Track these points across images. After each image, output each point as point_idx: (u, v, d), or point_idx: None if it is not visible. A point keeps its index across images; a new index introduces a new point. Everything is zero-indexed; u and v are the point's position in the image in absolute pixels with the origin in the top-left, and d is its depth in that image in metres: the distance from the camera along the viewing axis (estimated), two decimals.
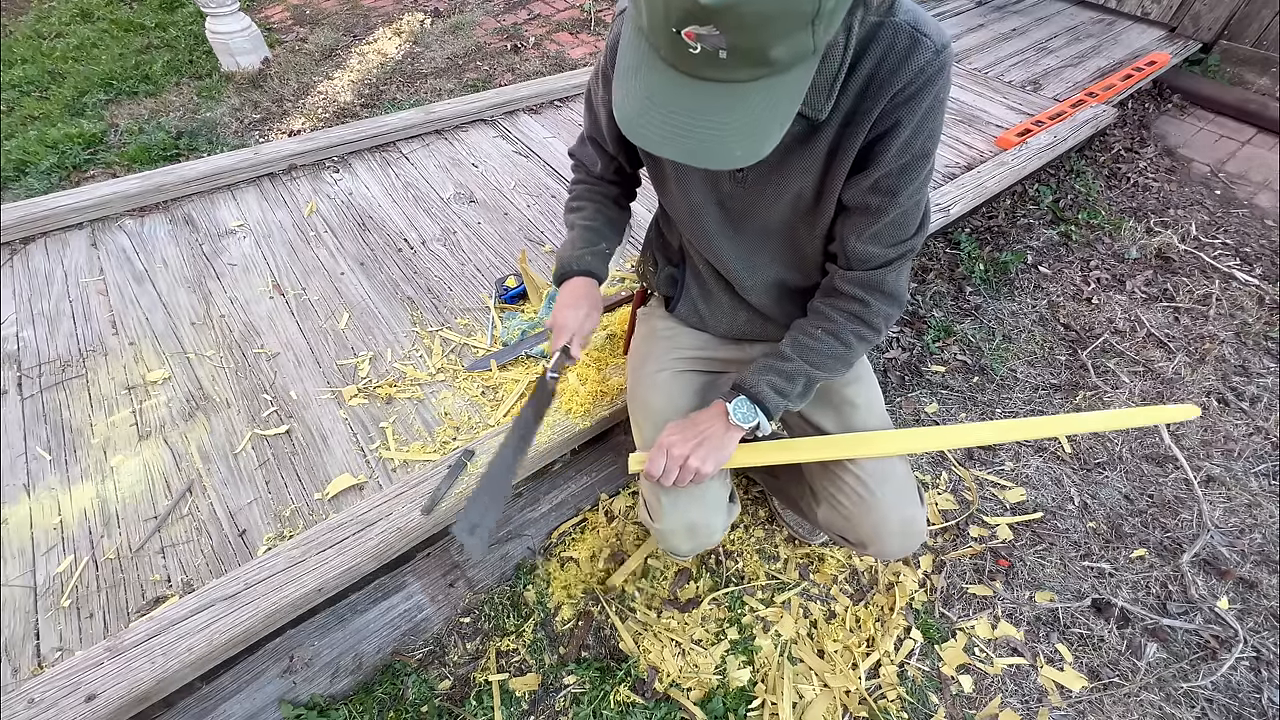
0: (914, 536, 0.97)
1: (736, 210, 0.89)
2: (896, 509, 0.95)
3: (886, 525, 0.95)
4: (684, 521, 0.98)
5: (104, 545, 1.13)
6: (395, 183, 2.01)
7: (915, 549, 1.01)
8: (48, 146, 2.55)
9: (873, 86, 0.71)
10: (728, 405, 0.89)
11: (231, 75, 3.11)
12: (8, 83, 3.04)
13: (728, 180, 0.85)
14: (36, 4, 3.85)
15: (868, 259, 0.83)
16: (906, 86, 0.70)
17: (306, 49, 3.37)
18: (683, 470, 0.88)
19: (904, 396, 1.83)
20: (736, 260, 0.95)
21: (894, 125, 0.72)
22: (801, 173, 0.80)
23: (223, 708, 1.17)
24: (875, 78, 0.71)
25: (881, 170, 0.75)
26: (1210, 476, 1.64)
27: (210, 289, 1.61)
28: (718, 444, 0.89)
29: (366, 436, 1.32)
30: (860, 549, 1.02)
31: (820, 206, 0.84)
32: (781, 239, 0.91)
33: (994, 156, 2.22)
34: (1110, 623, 1.37)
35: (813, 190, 0.82)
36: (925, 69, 0.69)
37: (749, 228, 0.91)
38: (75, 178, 2.46)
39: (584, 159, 1.05)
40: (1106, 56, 3.01)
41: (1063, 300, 2.15)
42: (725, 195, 0.88)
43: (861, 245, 0.82)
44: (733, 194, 0.87)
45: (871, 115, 0.72)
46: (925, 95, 0.70)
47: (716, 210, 0.90)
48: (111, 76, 3.10)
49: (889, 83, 0.70)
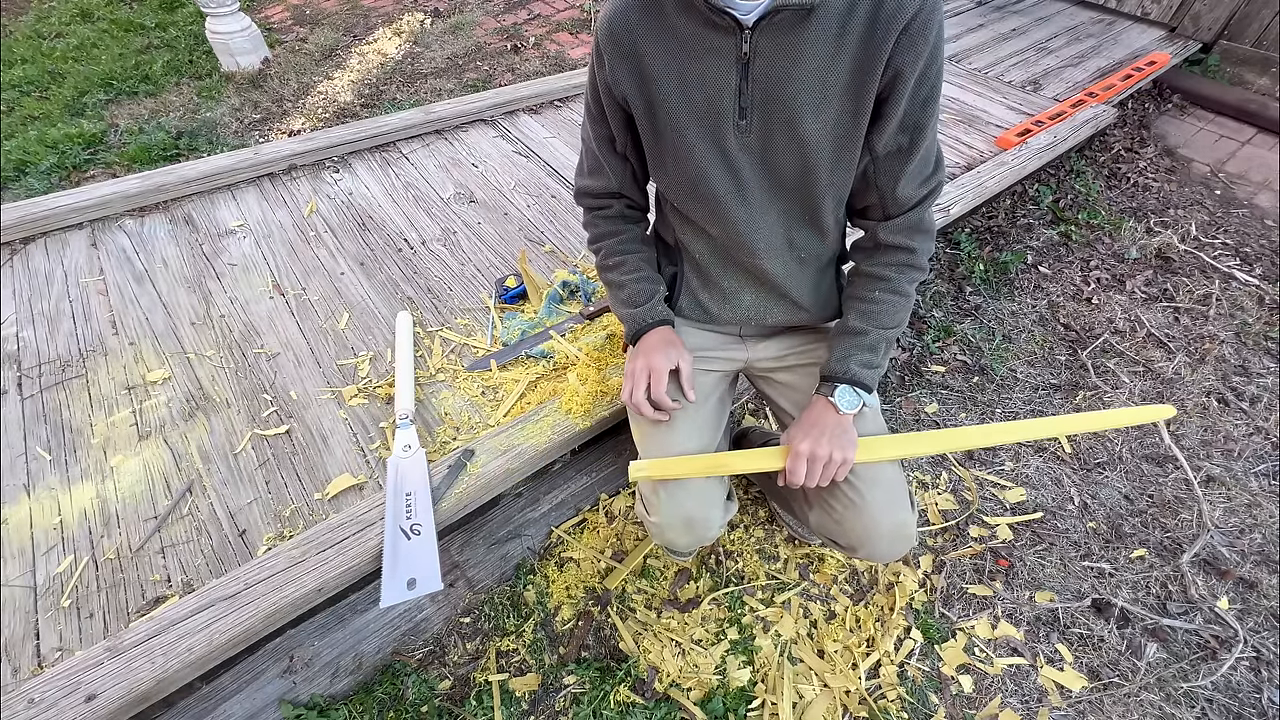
0: (903, 541, 0.97)
1: (743, 166, 0.88)
2: (887, 513, 0.94)
3: (877, 529, 0.95)
4: (681, 515, 0.98)
5: (104, 545, 1.13)
6: (395, 183, 2.01)
7: (905, 553, 1.01)
8: (48, 146, 2.55)
9: (879, 25, 0.74)
10: (831, 398, 0.91)
11: (231, 75, 3.11)
12: (8, 83, 3.04)
13: (730, 133, 0.85)
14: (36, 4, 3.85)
15: (907, 200, 0.88)
16: (913, 20, 0.73)
17: (306, 49, 3.37)
18: (828, 466, 0.89)
19: (904, 396, 1.83)
20: (747, 223, 0.93)
21: (909, 61, 0.75)
22: (814, 116, 0.81)
23: (223, 708, 1.17)
24: (879, 16, 0.74)
25: (906, 107, 0.79)
26: (1210, 476, 1.64)
27: (210, 289, 1.61)
28: (841, 431, 0.90)
29: (366, 436, 1.32)
30: (851, 553, 1.02)
31: (842, 155, 0.84)
32: (792, 193, 0.90)
33: (994, 156, 2.22)
34: (1110, 623, 1.37)
35: (829, 136, 0.82)
36: (925, 4, 0.73)
37: (757, 186, 0.90)
38: (75, 178, 2.46)
39: (590, 187, 1.03)
40: (1106, 56, 3.01)
41: (1063, 300, 2.15)
42: (730, 151, 0.87)
43: (902, 188, 0.86)
44: (739, 146, 0.86)
45: (884, 54, 0.75)
46: (930, 27, 0.74)
47: (722, 173, 0.89)
48: (111, 76, 3.10)
49: (895, 19, 0.73)
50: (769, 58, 0.78)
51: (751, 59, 0.78)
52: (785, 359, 1.10)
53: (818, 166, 0.85)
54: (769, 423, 1.71)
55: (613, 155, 0.98)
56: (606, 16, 0.85)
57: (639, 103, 0.87)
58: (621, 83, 0.87)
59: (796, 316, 1.07)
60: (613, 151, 0.98)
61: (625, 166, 0.99)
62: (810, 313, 1.06)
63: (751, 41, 0.77)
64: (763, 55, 0.78)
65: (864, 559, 1.03)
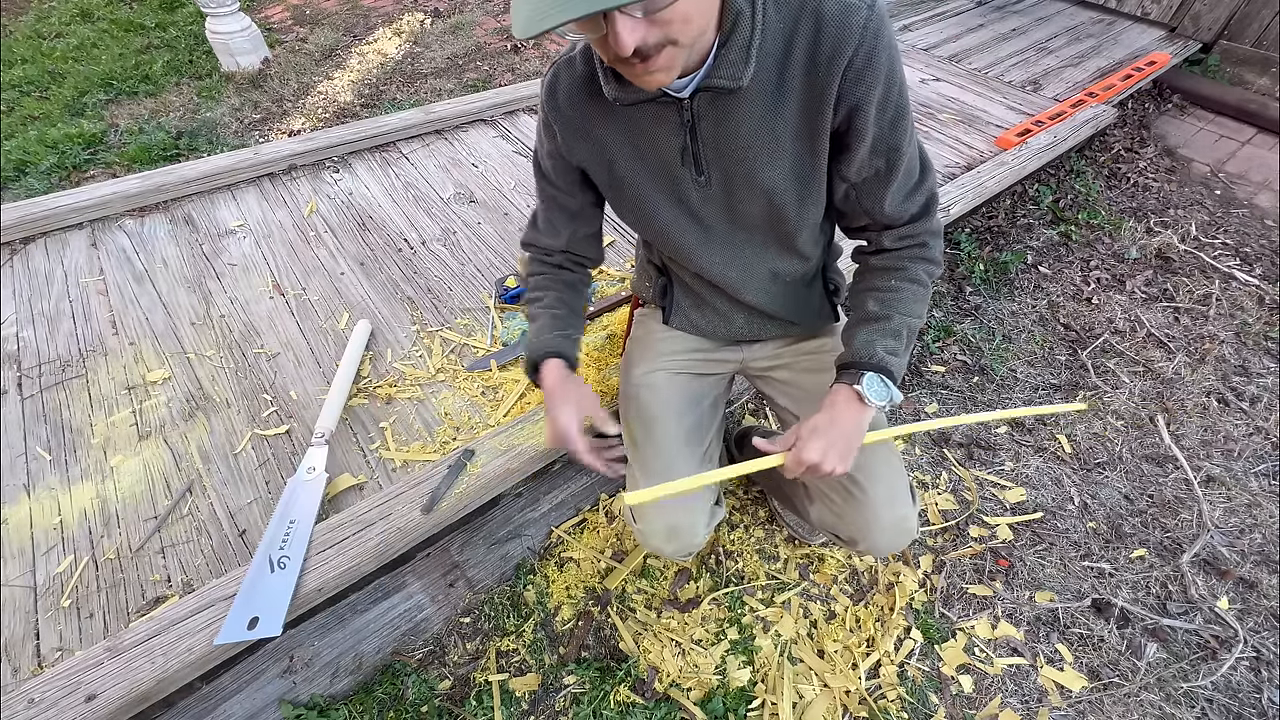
0: (905, 534, 0.97)
1: (709, 217, 0.88)
2: (888, 506, 0.94)
3: (878, 522, 0.94)
4: (665, 523, 0.98)
5: (104, 545, 1.13)
6: (395, 183, 2.01)
7: (905, 546, 1.01)
8: (48, 146, 2.55)
9: (819, 67, 0.71)
10: (859, 388, 0.82)
11: (231, 75, 3.11)
12: (8, 83, 3.04)
13: (691, 189, 0.84)
14: (37, 4, 3.85)
15: (900, 215, 0.85)
16: (855, 55, 0.69)
17: (306, 49, 3.37)
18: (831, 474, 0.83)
19: (904, 396, 1.83)
20: (724, 266, 0.93)
21: (863, 94, 0.72)
22: (770, 164, 0.79)
23: (223, 708, 1.17)
24: (818, 54, 0.70)
25: (874, 133, 0.76)
26: (1210, 476, 1.64)
27: (210, 289, 1.61)
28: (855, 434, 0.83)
29: (366, 436, 1.32)
30: (852, 546, 1.02)
31: (808, 192, 0.83)
32: (766, 231, 0.89)
33: (994, 156, 2.21)
34: (1110, 623, 1.37)
35: (790, 179, 0.81)
36: (867, 26, 0.68)
37: (727, 231, 0.90)
38: (75, 178, 2.46)
39: (538, 240, 1.01)
40: (1106, 56, 3.01)
41: (1063, 300, 2.15)
42: (694, 206, 0.86)
43: (891, 205, 0.83)
44: (702, 200, 0.85)
45: (831, 94, 0.72)
46: (877, 54, 0.70)
47: (688, 224, 0.89)
48: (111, 76, 3.10)
49: (835, 59, 0.70)
50: (712, 119, 0.77)
51: (696, 122, 0.77)
52: (781, 356, 1.11)
53: (785, 207, 0.84)
54: (768, 422, 1.71)
55: (562, 215, 0.97)
56: (548, 90, 0.84)
57: (597, 169, 0.87)
58: (576, 152, 0.87)
59: (790, 331, 1.08)
60: (563, 212, 0.96)
61: (576, 228, 0.98)
62: (803, 325, 1.07)
63: (692, 107, 0.76)
64: (706, 118, 0.77)
65: (864, 552, 1.02)
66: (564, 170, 0.91)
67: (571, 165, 0.90)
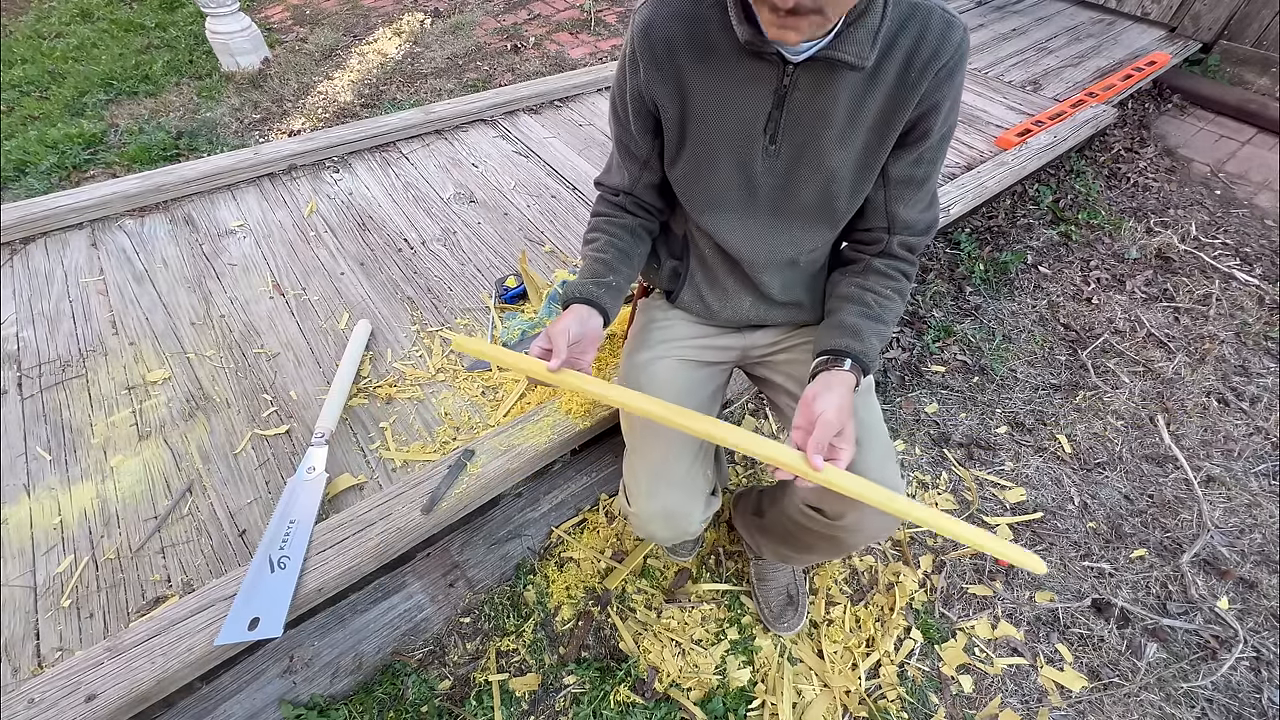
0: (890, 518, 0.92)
1: (764, 188, 0.89)
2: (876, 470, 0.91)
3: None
4: (661, 507, 0.98)
5: (104, 545, 1.13)
6: (395, 183, 2.01)
7: (892, 529, 0.97)
8: (48, 146, 2.55)
9: (914, 67, 0.77)
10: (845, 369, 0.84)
11: (231, 75, 3.11)
12: (8, 83, 3.04)
13: (759, 156, 0.86)
14: (37, 4, 3.85)
15: (914, 225, 0.91)
16: (947, 63, 0.76)
17: (306, 49, 3.37)
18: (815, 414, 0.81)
19: (904, 396, 1.83)
20: (753, 240, 0.94)
21: (937, 102, 0.79)
22: (840, 147, 0.83)
23: (223, 708, 1.17)
24: (917, 55, 0.76)
25: (927, 144, 0.83)
26: (1210, 476, 1.64)
27: (210, 289, 1.61)
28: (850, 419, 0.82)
29: (366, 436, 1.32)
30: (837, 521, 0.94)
31: (862, 182, 0.87)
32: (805, 217, 0.91)
33: (994, 156, 2.22)
34: (1110, 623, 1.37)
35: (853, 165, 0.85)
36: (960, 46, 0.77)
37: (774, 206, 0.91)
38: (75, 178, 2.46)
39: (607, 179, 1.03)
40: (1106, 56, 3.01)
41: (1063, 300, 2.15)
42: (755, 173, 0.88)
43: (910, 214, 0.90)
44: (764, 170, 0.87)
45: (919, 91, 0.78)
46: (959, 72, 0.78)
47: (742, 193, 0.91)
48: (111, 76, 3.10)
49: (933, 60, 0.76)
50: (806, 91, 0.80)
51: (790, 91, 0.80)
52: (781, 342, 1.10)
53: (837, 195, 0.88)
54: (769, 424, 1.71)
55: (632, 160, 0.97)
56: (644, 23, 0.83)
57: (672, 113, 0.88)
58: (656, 91, 0.86)
59: (797, 317, 1.08)
60: (632, 157, 0.97)
61: (642, 173, 0.98)
62: (810, 312, 1.07)
63: (793, 75, 0.79)
64: (800, 89, 0.80)
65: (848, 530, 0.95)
66: (639, 114, 0.90)
67: (647, 108, 0.89)
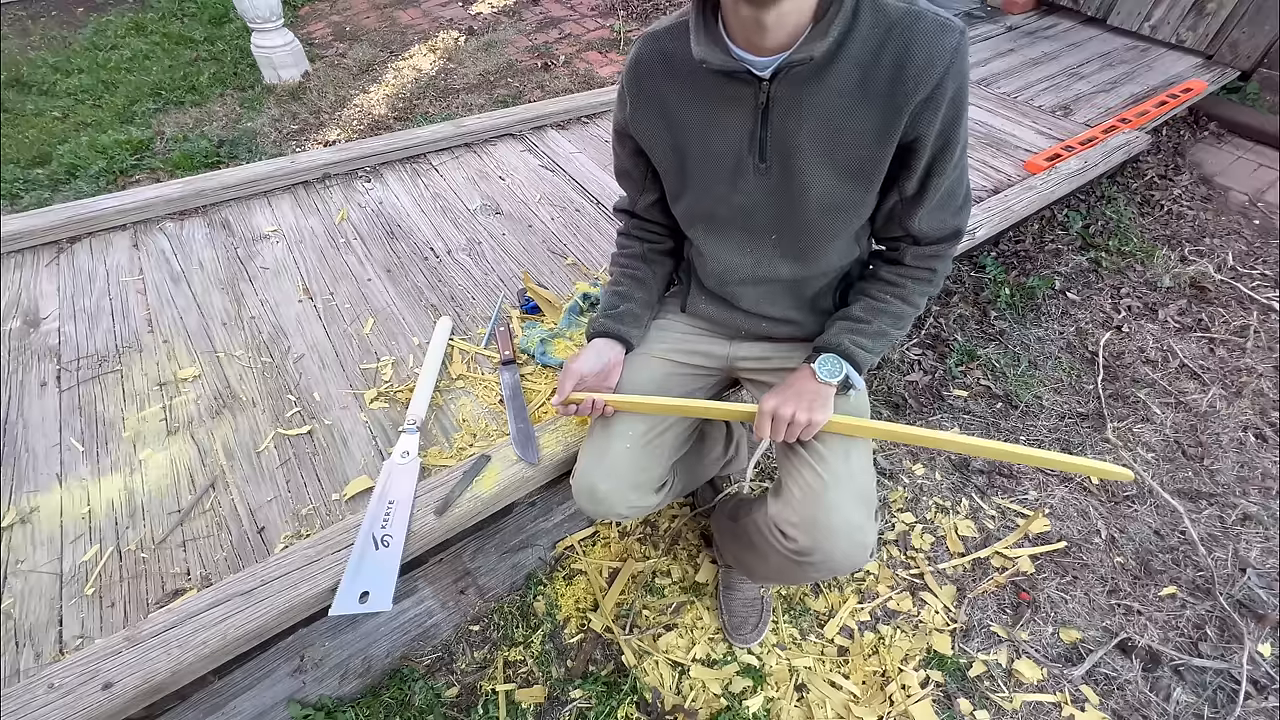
0: (857, 546, 0.90)
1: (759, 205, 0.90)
2: (841, 510, 0.89)
3: (830, 520, 0.89)
4: (587, 484, 1.01)
5: (129, 536, 1.16)
6: (424, 193, 2.05)
7: (859, 563, 0.93)
8: (98, 151, 2.67)
9: (904, 82, 0.74)
10: (812, 365, 0.92)
11: (273, 88, 3.23)
12: (64, 90, 3.20)
13: (751, 175, 0.86)
14: (95, 18, 4.05)
15: (935, 231, 0.90)
16: (946, 72, 0.74)
17: (345, 64, 3.49)
18: (792, 425, 0.89)
19: (924, 420, 1.80)
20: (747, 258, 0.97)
21: (937, 109, 0.76)
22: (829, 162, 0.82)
23: (233, 704, 1.18)
24: (909, 63, 0.73)
25: (933, 154, 0.81)
26: (1246, 514, 1.58)
27: (243, 291, 1.66)
28: (814, 397, 0.90)
29: (385, 440, 1.34)
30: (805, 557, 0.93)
31: (857, 199, 0.86)
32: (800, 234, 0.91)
33: (1021, 181, 2.19)
34: (1137, 663, 1.32)
35: (845, 181, 0.84)
36: (957, 50, 0.73)
37: (768, 224, 0.92)
38: (121, 181, 2.57)
39: (620, 204, 1.10)
40: (1140, 83, 2.96)
41: (1092, 327, 2.11)
42: (748, 192, 0.89)
43: (927, 222, 0.88)
44: (757, 187, 0.88)
45: (907, 110, 0.75)
46: (961, 76, 0.75)
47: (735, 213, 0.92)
48: (161, 87, 3.24)
49: (922, 78, 0.73)
50: (786, 105, 0.79)
51: (769, 106, 0.80)
52: (770, 360, 1.10)
53: (829, 210, 0.87)
54: None
55: (629, 182, 1.05)
56: (633, 59, 0.89)
57: (663, 143, 0.91)
58: (642, 124, 0.91)
59: (792, 331, 1.08)
60: (630, 180, 1.04)
61: (641, 194, 1.05)
62: (805, 328, 1.07)
63: (769, 90, 0.78)
64: (780, 103, 0.79)
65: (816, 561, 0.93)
66: (627, 145, 0.97)
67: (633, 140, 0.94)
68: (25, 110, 3.05)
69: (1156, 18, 3.30)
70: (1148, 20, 3.33)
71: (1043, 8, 3.70)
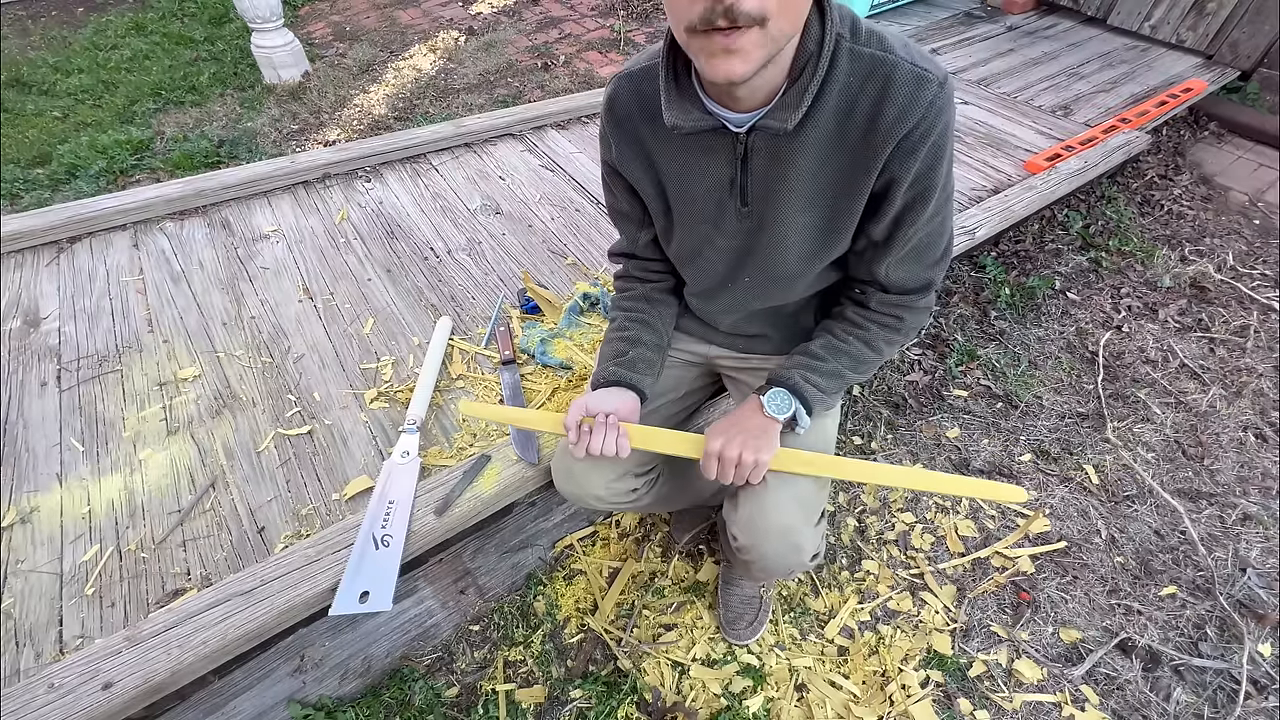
0: (791, 548, 0.92)
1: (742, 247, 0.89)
2: (777, 511, 0.90)
3: (765, 521, 0.91)
4: (564, 464, 1.04)
5: (129, 536, 1.16)
6: (424, 193, 2.05)
7: (794, 569, 0.95)
8: (98, 151, 2.67)
9: (878, 132, 0.71)
10: (762, 399, 0.90)
11: (273, 87, 3.23)
12: (64, 90, 3.20)
13: (734, 218, 0.86)
14: (95, 18, 4.05)
15: (903, 282, 0.87)
16: (917, 126, 0.70)
17: (345, 64, 3.49)
18: (740, 468, 0.87)
19: (924, 420, 1.80)
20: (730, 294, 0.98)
21: (909, 168, 0.73)
22: (806, 210, 0.81)
23: (233, 704, 1.18)
24: (881, 116, 0.70)
25: (904, 207, 0.78)
26: (1246, 514, 1.58)
27: (243, 290, 1.66)
28: (759, 434, 0.88)
29: (385, 440, 1.34)
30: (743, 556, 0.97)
31: (831, 244, 0.85)
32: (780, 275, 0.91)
33: (1021, 181, 2.19)
34: (1137, 663, 1.32)
35: (819, 230, 0.83)
36: (934, 103, 0.69)
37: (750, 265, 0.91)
38: (121, 181, 2.57)
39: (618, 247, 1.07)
40: (1140, 83, 2.96)
41: (1092, 327, 2.11)
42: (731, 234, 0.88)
43: (896, 272, 0.86)
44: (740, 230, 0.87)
45: (883, 154, 0.73)
46: (935, 129, 0.71)
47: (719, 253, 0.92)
48: (161, 86, 3.24)
49: (900, 121, 0.70)
50: (765, 156, 0.78)
51: (749, 155, 0.78)
52: (749, 360, 1.11)
53: (807, 254, 0.87)
54: None
55: (624, 222, 1.01)
56: (609, 103, 0.87)
57: (646, 184, 0.90)
58: (628, 165, 0.89)
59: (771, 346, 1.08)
60: (624, 219, 1.01)
61: (639, 232, 1.01)
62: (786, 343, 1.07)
63: (747, 142, 0.77)
64: (759, 153, 0.78)
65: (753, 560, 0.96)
66: (619, 184, 0.94)
67: (624, 179, 0.93)
68: (25, 110, 3.05)
69: (1156, 18, 3.30)
70: (1148, 20, 3.33)
71: (1043, 7, 3.70)
